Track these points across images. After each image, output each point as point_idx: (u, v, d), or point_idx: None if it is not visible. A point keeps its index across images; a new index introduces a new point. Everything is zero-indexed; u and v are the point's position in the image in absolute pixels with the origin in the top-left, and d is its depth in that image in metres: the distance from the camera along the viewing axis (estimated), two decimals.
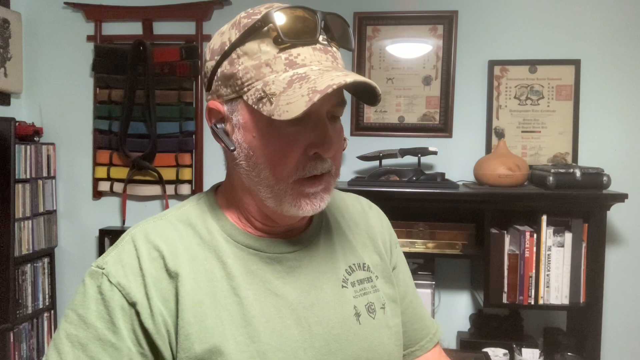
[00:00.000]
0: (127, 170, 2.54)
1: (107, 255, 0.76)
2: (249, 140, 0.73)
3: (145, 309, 0.71)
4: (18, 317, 2.42)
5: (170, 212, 0.82)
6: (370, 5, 2.40)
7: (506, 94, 2.36)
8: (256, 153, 0.72)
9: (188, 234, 0.77)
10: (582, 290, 2.04)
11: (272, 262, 0.78)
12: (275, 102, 0.66)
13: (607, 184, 2.02)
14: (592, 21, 2.31)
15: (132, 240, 0.76)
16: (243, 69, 0.70)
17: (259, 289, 0.75)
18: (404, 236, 2.15)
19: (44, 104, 2.68)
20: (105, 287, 0.72)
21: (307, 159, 0.72)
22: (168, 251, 0.74)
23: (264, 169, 0.72)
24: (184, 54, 2.50)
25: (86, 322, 0.71)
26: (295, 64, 0.69)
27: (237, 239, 0.78)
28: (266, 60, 0.69)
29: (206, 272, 0.74)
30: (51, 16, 2.65)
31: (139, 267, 0.73)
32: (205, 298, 0.72)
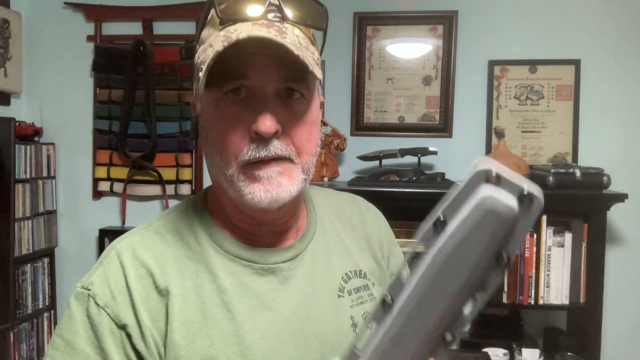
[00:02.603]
0: (127, 170, 2.54)
1: (92, 275, 0.71)
2: (202, 126, 0.71)
3: (135, 330, 0.67)
4: (18, 317, 2.42)
5: (158, 220, 0.78)
6: (370, 5, 2.40)
7: (506, 94, 2.36)
8: (208, 138, 0.70)
9: (176, 245, 0.73)
10: (582, 290, 2.04)
11: (265, 274, 0.74)
12: (199, 68, 0.66)
13: (607, 184, 2.02)
14: (592, 21, 2.31)
15: (117, 256, 0.71)
16: (197, 57, 0.69)
17: (252, 303, 0.72)
18: (403, 236, 2.14)
19: (44, 104, 2.68)
20: (92, 310, 0.68)
21: (251, 141, 0.67)
22: (156, 267, 0.70)
23: (215, 153, 0.70)
24: (184, 54, 2.50)
25: (74, 347, 0.67)
26: (231, 39, 0.63)
27: (228, 250, 0.74)
28: (210, 42, 0.67)
29: (196, 287, 0.71)
30: (51, 16, 2.65)
31: (126, 286, 0.69)
32: (195, 316, 0.69)
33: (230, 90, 0.67)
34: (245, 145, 0.67)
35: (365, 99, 2.43)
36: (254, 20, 0.66)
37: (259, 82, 0.66)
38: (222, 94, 0.67)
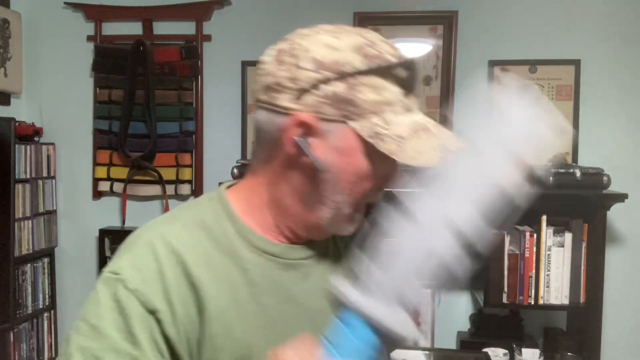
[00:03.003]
0: (127, 170, 2.54)
1: (120, 260, 0.71)
2: (338, 163, 0.71)
3: (167, 316, 0.67)
4: (18, 317, 2.42)
5: (182, 213, 0.78)
6: (370, 5, 2.40)
7: None
8: (341, 177, 0.71)
9: (204, 238, 0.73)
10: (582, 290, 2.04)
11: (289, 269, 0.76)
12: (401, 144, 0.69)
13: (607, 184, 2.02)
14: (592, 21, 2.31)
15: (148, 243, 0.71)
16: (363, 99, 0.68)
17: (280, 297, 0.74)
18: None
19: (44, 104, 2.68)
20: (121, 294, 0.67)
21: (372, 193, 0.75)
22: (189, 257, 0.70)
23: (342, 192, 0.72)
24: (184, 54, 2.50)
25: (101, 332, 0.66)
26: (410, 110, 0.72)
27: (255, 244, 0.75)
28: (388, 100, 0.70)
29: (226, 278, 0.71)
30: (51, 16, 2.65)
31: (158, 272, 0.68)
32: (229, 306, 0.70)
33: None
34: (369, 195, 0.75)
35: None
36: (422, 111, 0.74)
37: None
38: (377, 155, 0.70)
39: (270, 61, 0.73)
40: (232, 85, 2.52)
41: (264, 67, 0.73)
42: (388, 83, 0.70)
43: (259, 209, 0.77)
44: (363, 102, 0.68)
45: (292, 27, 2.49)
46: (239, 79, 2.51)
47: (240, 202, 0.78)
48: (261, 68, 0.74)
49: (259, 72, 0.75)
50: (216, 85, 2.55)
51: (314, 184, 0.72)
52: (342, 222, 0.75)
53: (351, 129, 0.69)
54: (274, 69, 0.71)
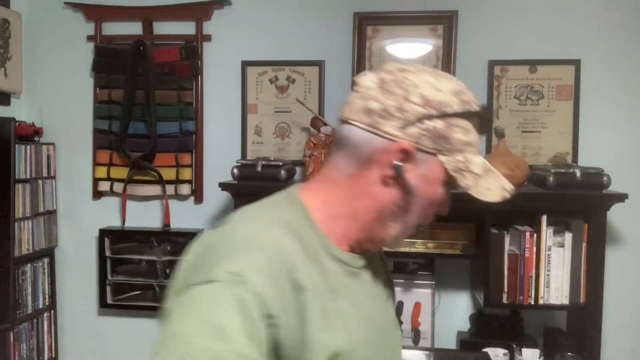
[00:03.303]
0: (127, 170, 2.54)
1: (237, 261, 0.70)
2: (422, 189, 0.81)
3: (281, 321, 0.69)
4: (18, 317, 2.42)
5: (272, 215, 0.81)
6: (370, 5, 2.40)
7: (506, 94, 2.36)
8: (421, 201, 0.81)
9: (297, 243, 0.77)
10: (582, 290, 2.04)
11: (352, 276, 0.84)
12: (476, 181, 0.82)
13: (607, 184, 2.02)
14: (592, 21, 2.31)
15: (264, 248, 0.73)
16: (456, 138, 0.80)
17: (350, 301, 0.80)
18: None
19: (44, 104, 2.68)
20: (246, 297, 0.66)
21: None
22: (294, 262, 0.73)
23: (416, 214, 0.82)
24: (184, 54, 2.50)
25: (226, 334, 0.64)
26: (479, 152, 0.85)
27: (331, 251, 0.81)
28: (470, 141, 0.82)
29: (315, 284, 0.75)
30: (51, 16, 2.65)
31: (276, 277, 0.70)
32: (320, 311, 0.74)
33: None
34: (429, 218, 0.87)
35: None
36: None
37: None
38: (450, 186, 0.84)
39: (373, 87, 0.80)
40: (232, 85, 2.52)
41: (366, 91, 0.80)
42: (471, 127, 0.82)
43: (334, 218, 0.83)
44: (454, 140, 0.80)
45: (292, 27, 2.50)
46: (239, 79, 2.51)
47: (318, 209, 0.83)
48: (361, 91, 0.81)
49: (357, 94, 0.81)
50: (216, 85, 2.55)
51: (397, 204, 0.81)
52: (401, 239, 0.85)
53: (440, 162, 0.80)
54: (379, 96, 0.78)
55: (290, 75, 2.48)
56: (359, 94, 0.81)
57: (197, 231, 2.53)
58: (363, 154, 0.80)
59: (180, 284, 0.74)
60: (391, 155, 0.78)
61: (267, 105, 2.50)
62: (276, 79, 2.49)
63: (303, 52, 2.47)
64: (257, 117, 2.51)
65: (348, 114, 0.81)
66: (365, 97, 0.80)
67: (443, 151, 0.79)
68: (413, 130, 0.77)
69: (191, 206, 2.60)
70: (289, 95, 2.48)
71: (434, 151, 0.79)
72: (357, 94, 0.81)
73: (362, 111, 0.79)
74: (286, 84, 2.48)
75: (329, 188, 0.84)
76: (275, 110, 2.50)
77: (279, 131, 2.50)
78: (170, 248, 2.56)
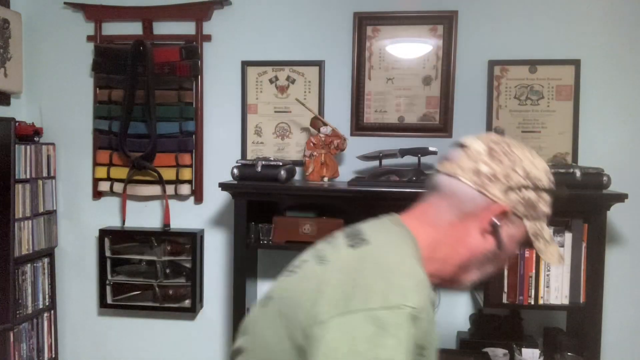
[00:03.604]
0: (127, 170, 2.54)
1: (404, 292, 0.80)
2: (507, 246, 0.97)
3: (428, 352, 0.82)
4: (18, 317, 2.42)
5: (407, 249, 0.91)
6: (370, 5, 2.40)
7: (506, 94, 2.36)
8: (502, 255, 0.98)
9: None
10: (582, 290, 2.04)
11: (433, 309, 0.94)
12: (546, 247, 0.98)
13: (607, 184, 2.02)
14: (592, 21, 2.31)
15: (420, 281, 0.84)
16: (540, 208, 0.96)
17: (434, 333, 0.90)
18: None
19: (44, 104, 2.68)
20: (407, 327, 0.76)
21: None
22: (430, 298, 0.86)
23: (495, 265, 0.99)
24: (184, 54, 2.50)
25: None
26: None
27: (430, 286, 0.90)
28: (548, 213, 0.98)
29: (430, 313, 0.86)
30: (51, 16, 2.65)
31: (428, 310, 0.82)
32: (431, 343, 0.85)
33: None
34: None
35: (365, 99, 2.43)
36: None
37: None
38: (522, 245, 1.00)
39: (483, 153, 0.95)
40: (232, 85, 2.52)
41: (476, 155, 0.96)
42: (550, 201, 0.98)
43: (431, 259, 0.94)
44: (539, 210, 0.96)
45: (292, 27, 2.50)
46: (239, 79, 2.51)
47: (423, 248, 0.94)
48: (471, 154, 0.96)
49: (466, 155, 0.96)
50: (216, 85, 2.55)
51: (486, 255, 0.96)
52: (475, 283, 0.99)
53: (524, 226, 0.96)
54: (489, 162, 0.94)
55: (290, 75, 2.48)
56: (469, 155, 0.96)
57: (197, 231, 2.53)
58: (467, 208, 0.94)
59: (332, 306, 0.80)
60: (492, 213, 0.93)
61: (267, 105, 2.50)
62: (276, 79, 2.49)
63: (303, 52, 2.47)
64: (257, 117, 2.51)
65: (456, 169, 0.96)
66: (475, 159, 0.95)
67: (529, 217, 0.95)
68: (513, 196, 0.93)
69: (191, 206, 2.60)
70: (289, 95, 2.48)
71: (522, 216, 0.95)
72: (466, 155, 0.96)
73: (472, 171, 0.94)
74: (286, 84, 2.48)
75: (431, 231, 0.96)
76: (275, 110, 2.50)
77: (279, 131, 2.50)
78: (170, 248, 2.56)
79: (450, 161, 0.98)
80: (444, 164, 0.99)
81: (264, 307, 0.96)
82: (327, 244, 0.98)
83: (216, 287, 2.61)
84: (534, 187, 0.94)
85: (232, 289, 2.29)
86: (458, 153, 0.98)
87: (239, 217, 2.18)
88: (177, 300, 2.56)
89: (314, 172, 2.27)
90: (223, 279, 2.60)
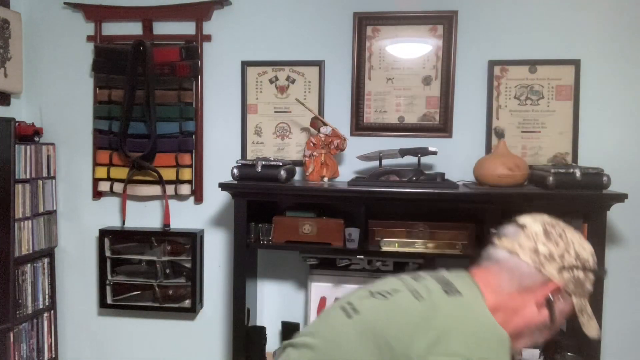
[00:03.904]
0: (127, 170, 2.54)
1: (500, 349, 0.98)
2: (557, 318, 1.09)
3: None
4: (18, 317, 2.42)
5: (480, 311, 1.03)
6: (370, 5, 2.40)
7: (506, 94, 2.36)
8: (550, 327, 1.10)
9: None
10: None
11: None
12: (588, 321, 1.11)
13: (607, 184, 2.02)
14: (592, 21, 2.31)
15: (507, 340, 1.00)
16: (586, 287, 1.09)
17: None
18: (404, 236, 2.15)
19: (44, 104, 2.68)
20: None
21: None
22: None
23: (544, 335, 1.12)
24: (184, 54, 2.50)
25: None
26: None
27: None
28: (590, 292, 1.11)
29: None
30: (51, 16, 2.65)
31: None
32: None
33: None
34: None
35: (365, 99, 2.43)
36: None
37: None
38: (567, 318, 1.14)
39: (540, 234, 1.08)
40: (232, 85, 2.52)
41: (535, 235, 1.08)
42: (594, 280, 1.10)
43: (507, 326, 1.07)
44: (585, 288, 1.09)
45: (292, 27, 2.50)
46: (239, 79, 2.51)
47: (492, 313, 1.05)
48: (528, 232, 1.09)
49: (525, 235, 1.09)
50: (216, 85, 2.55)
51: (538, 326, 1.09)
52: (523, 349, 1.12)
53: (572, 302, 1.09)
54: (547, 243, 1.08)
55: (290, 75, 2.48)
56: (527, 235, 1.09)
57: (197, 231, 2.53)
58: (526, 282, 1.07)
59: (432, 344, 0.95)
60: (548, 289, 1.06)
61: (267, 106, 2.50)
62: (276, 79, 2.49)
63: (303, 52, 2.47)
64: (257, 117, 2.51)
65: (516, 247, 1.09)
66: (534, 239, 1.08)
67: (577, 294, 1.08)
68: (566, 275, 1.06)
69: (191, 206, 2.60)
70: (289, 95, 2.48)
71: (572, 293, 1.08)
72: (525, 235, 1.09)
73: (531, 250, 1.07)
74: (286, 84, 2.48)
75: (494, 297, 1.07)
76: (275, 111, 2.50)
77: (279, 131, 2.50)
78: (170, 248, 2.56)
79: (509, 238, 1.11)
80: (503, 240, 1.12)
81: (348, 317, 1.07)
82: (415, 282, 1.10)
83: (216, 287, 2.61)
84: (582, 268, 1.08)
85: (232, 289, 2.29)
86: (516, 231, 1.11)
87: (239, 217, 2.18)
88: (177, 300, 2.56)
89: (314, 172, 2.27)
90: (223, 279, 2.60)
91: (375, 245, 2.15)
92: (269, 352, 2.39)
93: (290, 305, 2.53)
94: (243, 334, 2.22)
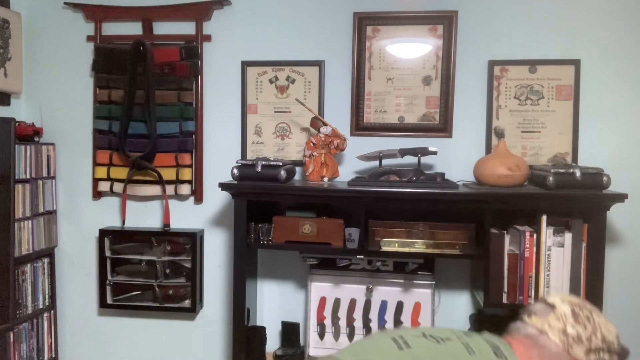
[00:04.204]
0: (127, 170, 2.54)
1: None
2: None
3: None
4: (18, 317, 2.42)
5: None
6: (370, 5, 2.40)
7: (506, 94, 2.36)
8: None
9: None
10: (582, 290, 2.04)
11: None
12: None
13: (607, 184, 2.02)
14: (592, 21, 2.31)
15: None
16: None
17: None
18: (404, 236, 2.15)
19: (44, 104, 2.68)
20: None
21: None
22: None
23: None
24: (184, 54, 2.50)
25: None
26: None
27: None
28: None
29: None
30: (51, 16, 2.65)
31: None
32: None
33: None
34: None
35: (365, 99, 2.43)
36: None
37: None
38: None
39: (569, 316, 1.18)
40: (232, 85, 2.52)
41: (564, 317, 1.18)
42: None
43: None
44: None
45: (292, 27, 2.50)
46: (239, 79, 2.51)
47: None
48: (558, 314, 1.19)
49: (554, 315, 1.20)
50: (216, 85, 2.55)
51: None
52: None
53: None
54: (575, 325, 1.17)
55: (290, 75, 2.48)
56: (557, 316, 1.18)
57: (197, 231, 2.53)
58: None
59: None
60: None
61: (267, 106, 2.50)
62: (276, 79, 2.49)
63: (303, 52, 2.47)
64: (257, 117, 2.51)
65: (545, 327, 1.18)
66: (563, 321, 1.17)
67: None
68: (592, 357, 1.15)
69: (191, 206, 2.60)
70: (289, 95, 2.48)
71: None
72: (554, 315, 1.18)
73: (560, 331, 1.16)
74: (286, 84, 2.48)
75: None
76: (275, 111, 2.50)
77: (279, 131, 2.50)
78: (170, 248, 2.56)
79: (538, 317, 1.20)
80: (533, 318, 1.21)
81: (400, 349, 1.13)
82: (467, 337, 1.18)
83: (216, 287, 2.61)
84: (608, 350, 1.16)
85: (232, 289, 2.29)
86: (545, 310, 1.20)
87: (239, 217, 2.18)
88: (177, 300, 2.56)
89: (314, 172, 2.28)
90: (223, 279, 2.60)
91: (375, 245, 2.15)
92: (268, 352, 2.39)
93: (290, 305, 2.53)
94: (243, 334, 2.22)
